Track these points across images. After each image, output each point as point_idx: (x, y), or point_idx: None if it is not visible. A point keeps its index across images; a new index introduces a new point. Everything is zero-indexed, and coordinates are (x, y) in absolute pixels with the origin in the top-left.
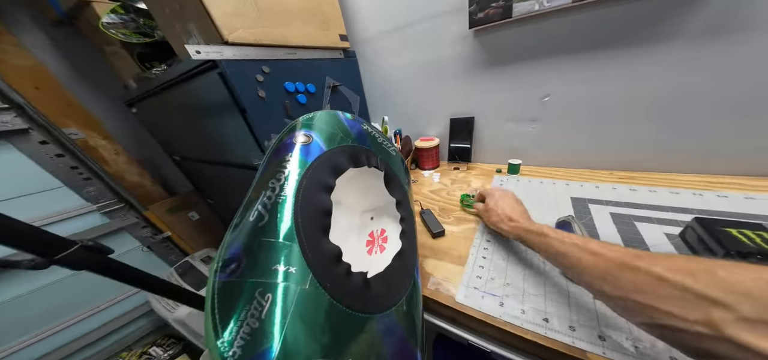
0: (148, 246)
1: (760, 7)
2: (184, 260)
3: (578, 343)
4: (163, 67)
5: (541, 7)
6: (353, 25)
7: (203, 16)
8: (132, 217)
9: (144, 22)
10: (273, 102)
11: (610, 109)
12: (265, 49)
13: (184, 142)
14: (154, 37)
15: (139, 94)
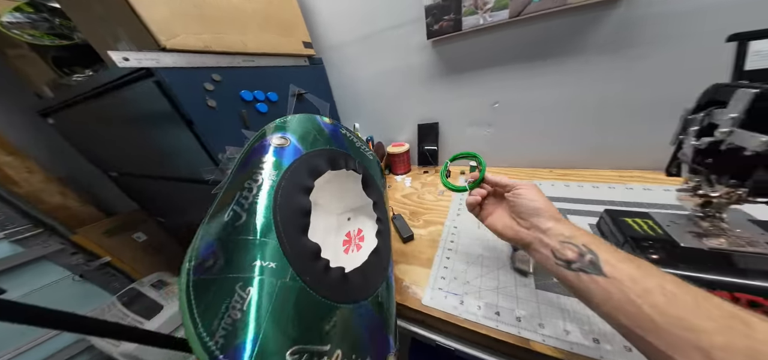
0: (81, 274)
1: (646, 28)
2: (130, 287)
3: (523, 333)
4: (87, 73)
5: (484, 22)
6: (318, 33)
7: (133, 21)
8: (55, 243)
9: (60, 22)
10: (226, 112)
11: (547, 113)
12: (217, 56)
13: (121, 156)
14: (74, 40)
15: (57, 102)
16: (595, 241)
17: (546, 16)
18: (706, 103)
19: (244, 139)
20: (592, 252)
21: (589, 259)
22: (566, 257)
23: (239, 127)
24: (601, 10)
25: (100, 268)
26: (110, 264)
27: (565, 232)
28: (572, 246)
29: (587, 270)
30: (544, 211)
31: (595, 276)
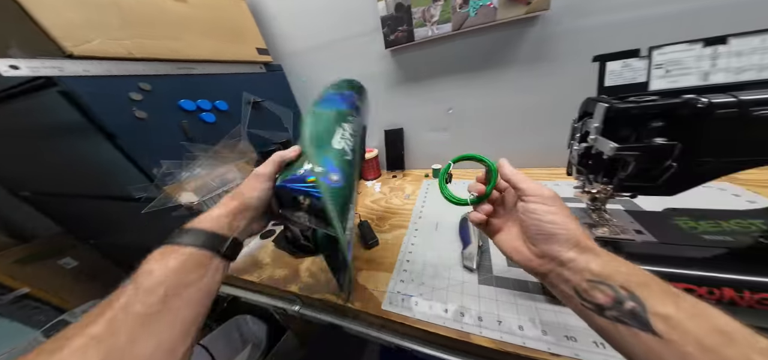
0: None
1: (556, 44)
2: (58, 320)
3: (465, 328)
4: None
5: (432, 34)
6: (277, 39)
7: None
8: None
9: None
10: (161, 123)
11: (490, 118)
12: (144, 64)
13: (34, 173)
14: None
15: None
16: (640, 277)
17: (482, 30)
18: (583, 114)
19: (183, 152)
20: (634, 297)
21: (629, 307)
22: (596, 301)
23: (179, 138)
24: (522, 27)
25: (15, 301)
26: (29, 296)
27: (594, 267)
28: (605, 288)
29: (626, 321)
30: (562, 235)
31: (639, 331)
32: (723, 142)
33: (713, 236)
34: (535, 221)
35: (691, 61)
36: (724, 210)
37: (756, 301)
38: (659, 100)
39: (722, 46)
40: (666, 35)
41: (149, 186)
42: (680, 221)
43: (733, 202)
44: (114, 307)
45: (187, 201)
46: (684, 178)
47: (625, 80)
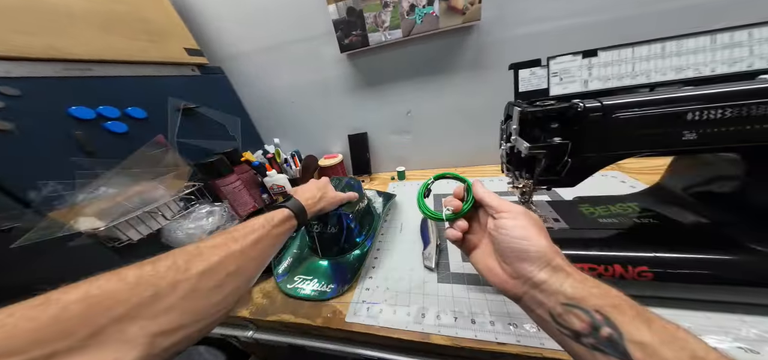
0: None
1: (489, 52)
2: None
3: (425, 329)
4: None
5: (385, 40)
6: (211, 38)
7: None
8: None
9: None
10: (40, 135)
11: (445, 120)
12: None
13: None
14: None
15: None
16: (612, 300)
17: (428, 37)
18: (506, 117)
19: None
20: (610, 322)
21: (606, 334)
22: (572, 327)
23: (72, 151)
24: (462, 36)
25: None
26: None
27: (568, 289)
28: (580, 313)
29: (604, 350)
30: (533, 252)
31: (615, 359)
32: (598, 139)
33: (606, 219)
34: (505, 237)
35: (575, 69)
36: (612, 195)
37: (637, 273)
38: (555, 104)
39: (594, 58)
40: (579, 43)
41: (25, 212)
42: (583, 208)
43: (619, 188)
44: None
45: (89, 227)
46: (579, 170)
47: (533, 86)
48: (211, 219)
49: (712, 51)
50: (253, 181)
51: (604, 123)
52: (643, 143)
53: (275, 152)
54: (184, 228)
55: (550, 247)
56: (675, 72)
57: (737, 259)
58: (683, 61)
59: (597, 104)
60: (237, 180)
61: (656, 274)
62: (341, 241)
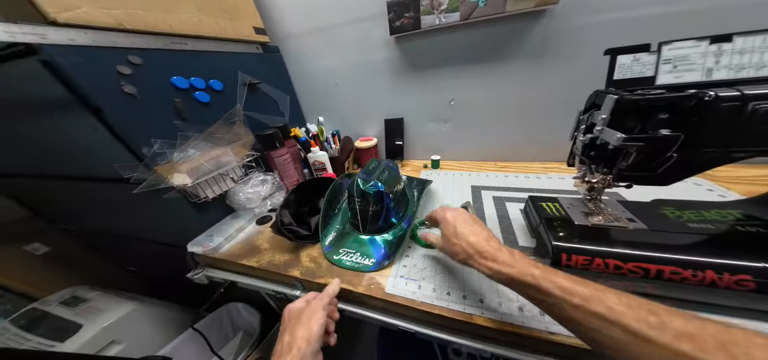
0: None
1: (564, 39)
2: (30, 308)
3: (468, 309)
4: None
5: (440, 23)
6: (273, 19)
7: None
8: None
9: None
10: (153, 100)
11: (492, 111)
12: (134, 36)
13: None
14: None
15: None
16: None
17: (489, 21)
18: (590, 106)
19: (175, 131)
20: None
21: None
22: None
23: (172, 117)
24: (530, 20)
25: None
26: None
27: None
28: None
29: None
30: (465, 252)
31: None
32: (725, 133)
33: (696, 224)
34: (447, 248)
35: (697, 57)
36: (704, 201)
37: (733, 282)
38: (666, 93)
39: (727, 43)
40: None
41: (139, 166)
42: (667, 211)
43: (708, 196)
44: None
45: (180, 183)
46: (680, 168)
47: (633, 74)
48: (265, 187)
49: None
50: (298, 156)
51: (739, 115)
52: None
53: (319, 130)
54: (245, 191)
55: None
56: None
57: None
58: None
59: (735, 93)
60: (286, 153)
61: (760, 284)
62: (380, 220)
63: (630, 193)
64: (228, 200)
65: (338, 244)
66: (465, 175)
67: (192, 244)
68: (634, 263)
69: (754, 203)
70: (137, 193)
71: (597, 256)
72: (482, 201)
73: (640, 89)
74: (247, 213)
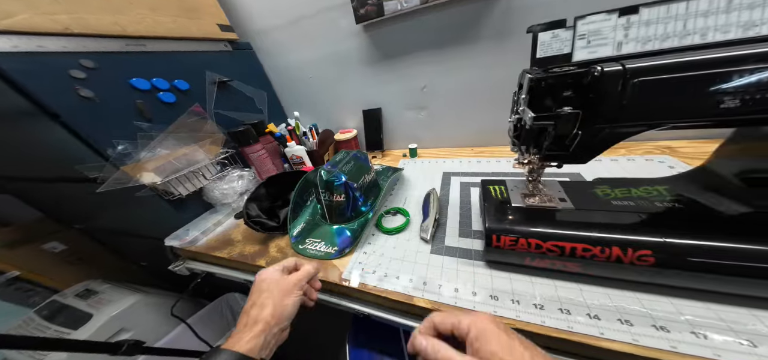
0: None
1: (521, 18)
2: (50, 300)
3: (410, 292)
4: None
5: (401, 7)
6: (241, 15)
7: None
8: None
9: None
10: (113, 103)
11: (463, 96)
12: (84, 40)
13: None
14: None
15: None
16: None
17: (447, 4)
18: (519, 86)
19: (138, 131)
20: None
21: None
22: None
23: (133, 117)
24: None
25: (9, 283)
26: (21, 278)
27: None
28: None
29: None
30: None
31: None
32: (614, 109)
33: (619, 202)
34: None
35: (608, 31)
36: (638, 178)
37: (636, 258)
38: (567, 69)
39: (634, 15)
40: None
41: (105, 165)
42: (598, 190)
43: (665, 173)
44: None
45: (150, 181)
46: (589, 145)
47: (553, 51)
48: (241, 182)
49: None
50: (276, 151)
51: (623, 89)
52: (671, 113)
53: (295, 125)
54: (219, 188)
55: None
56: (743, 29)
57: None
58: (756, 15)
59: (618, 68)
60: (262, 149)
61: (659, 259)
62: (347, 209)
63: (588, 171)
64: (204, 196)
65: (305, 235)
66: (439, 162)
67: (169, 238)
68: (552, 242)
69: (687, 177)
70: (100, 192)
71: (521, 237)
72: (450, 186)
73: (557, 66)
74: (225, 208)
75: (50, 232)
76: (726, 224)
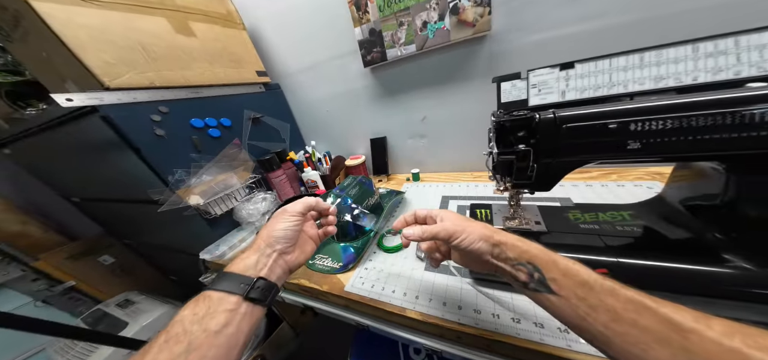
0: (44, 300)
1: (503, 61)
2: (95, 309)
3: (403, 304)
4: (41, 107)
5: (401, 54)
6: (273, 62)
7: (76, 65)
8: (16, 270)
9: (12, 58)
10: (176, 138)
11: (460, 126)
12: (161, 91)
13: (81, 182)
14: (26, 76)
15: (12, 134)
16: (542, 254)
17: (440, 49)
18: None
19: (191, 162)
20: (537, 269)
21: (537, 277)
22: (521, 280)
23: (190, 150)
24: (473, 46)
25: (64, 293)
26: (75, 288)
27: (510, 253)
28: (521, 267)
29: (539, 289)
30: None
31: (547, 294)
32: (553, 148)
33: (587, 225)
34: (466, 257)
35: (553, 81)
36: (607, 204)
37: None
38: (519, 114)
39: (571, 69)
40: (591, 48)
41: (165, 190)
42: (570, 214)
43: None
44: (145, 358)
45: (195, 202)
46: (545, 176)
47: (513, 97)
48: (264, 203)
49: (694, 60)
50: (295, 176)
51: (556, 132)
52: (592, 151)
53: (311, 152)
54: (246, 208)
55: (485, 231)
56: (654, 81)
57: (704, 271)
58: (663, 71)
59: (551, 116)
60: (283, 174)
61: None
62: (353, 230)
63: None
64: (234, 216)
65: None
66: (440, 186)
67: (203, 252)
68: None
69: (647, 205)
70: (161, 211)
71: None
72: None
73: (516, 111)
74: (249, 226)
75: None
76: (670, 247)
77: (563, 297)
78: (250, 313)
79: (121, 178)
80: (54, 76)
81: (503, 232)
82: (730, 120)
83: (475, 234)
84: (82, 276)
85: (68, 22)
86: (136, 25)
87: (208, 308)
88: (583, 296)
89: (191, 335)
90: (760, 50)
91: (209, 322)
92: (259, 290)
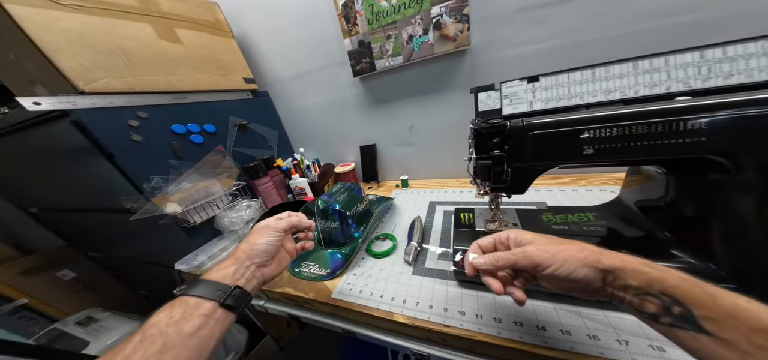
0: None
1: (483, 73)
2: (50, 328)
3: (391, 308)
4: (3, 111)
5: (389, 65)
6: (261, 68)
7: (48, 68)
8: None
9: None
10: (154, 144)
11: (445, 134)
12: (142, 96)
13: (43, 191)
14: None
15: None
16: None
17: (425, 61)
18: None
19: (171, 169)
20: (678, 302)
21: (678, 311)
22: (648, 311)
23: (169, 156)
24: (455, 59)
25: (14, 311)
26: (27, 307)
27: (632, 281)
28: (651, 299)
29: (681, 325)
30: (589, 274)
31: (694, 332)
32: (523, 152)
33: (559, 226)
34: (565, 285)
35: (522, 93)
36: (575, 206)
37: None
38: (494, 122)
39: (537, 82)
40: (559, 62)
41: (139, 198)
42: (544, 216)
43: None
44: (118, 358)
45: (172, 210)
46: (518, 179)
47: (489, 107)
48: (248, 211)
49: (634, 75)
50: (282, 183)
51: (524, 139)
52: (555, 156)
53: (300, 159)
54: (229, 216)
55: (582, 253)
56: (604, 94)
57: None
58: (611, 85)
59: (520, 124)
60: (269, 181)
61: None
62: (341, 235)
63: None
64: (216, 224)
65: (304, 258)
66: (427, 192)
67: (179, 263)
68: None
69: (607, 207)
70: (133, 220)
71: None
72: (434, 214)
73: (491, 119)
74: (231, 234)
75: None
76: (627, 245)
77: (726, 341)
78: (223, 319)
79: (92, 185)
80: (22, 79)
81: (612, 253)
82: (662, 128)
83: (573, 260)
84: (37, 293)
85: (47, 26)
86: (118, 31)
87: (183, 312)
88: (763, 345)
89: (166, 336)
90: (684, 68)
91: (184, 325)
92: (235, 298)
